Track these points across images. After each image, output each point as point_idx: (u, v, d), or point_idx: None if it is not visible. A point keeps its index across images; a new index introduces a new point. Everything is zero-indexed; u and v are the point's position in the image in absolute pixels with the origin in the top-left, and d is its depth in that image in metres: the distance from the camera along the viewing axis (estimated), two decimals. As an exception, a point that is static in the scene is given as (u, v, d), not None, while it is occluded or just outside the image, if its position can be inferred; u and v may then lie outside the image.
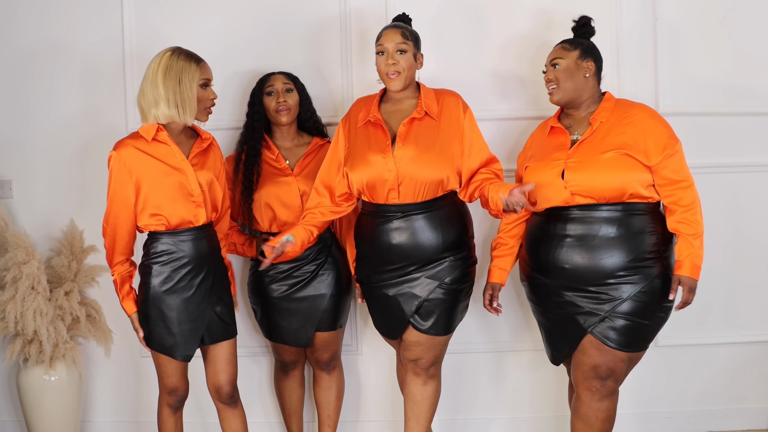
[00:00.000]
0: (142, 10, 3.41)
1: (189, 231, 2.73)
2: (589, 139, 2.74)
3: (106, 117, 3.43)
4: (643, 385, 3.43)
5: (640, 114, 2.74)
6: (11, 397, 3.54)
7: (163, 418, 2.86)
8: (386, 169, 2.78)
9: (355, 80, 3.38)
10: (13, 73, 3.47)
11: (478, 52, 3.37)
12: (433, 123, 2.82)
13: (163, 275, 2.71)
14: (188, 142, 2.77)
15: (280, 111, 3.08)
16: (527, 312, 3.45)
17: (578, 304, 2.71)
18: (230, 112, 3.38)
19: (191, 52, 2.73)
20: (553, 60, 2.82)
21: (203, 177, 2.73)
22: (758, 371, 3.47)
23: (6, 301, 3.21)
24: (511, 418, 3.49)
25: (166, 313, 2.71)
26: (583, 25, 2.90)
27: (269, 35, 3.40)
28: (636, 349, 2.71)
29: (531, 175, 2.80)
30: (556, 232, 2.75)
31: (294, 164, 3.12)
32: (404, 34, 2.82)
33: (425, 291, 2.82)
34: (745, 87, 3.36)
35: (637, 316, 2.67)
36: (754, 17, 3.35)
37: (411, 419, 2.93)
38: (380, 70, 2.84)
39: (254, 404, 3.53)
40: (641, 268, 2.67)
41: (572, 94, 2.79)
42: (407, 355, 2.90)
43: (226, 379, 2.82)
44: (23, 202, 3.49)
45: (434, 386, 2.91)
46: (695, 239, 2.69)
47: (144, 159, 2.67)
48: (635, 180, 2.67)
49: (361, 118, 2.89)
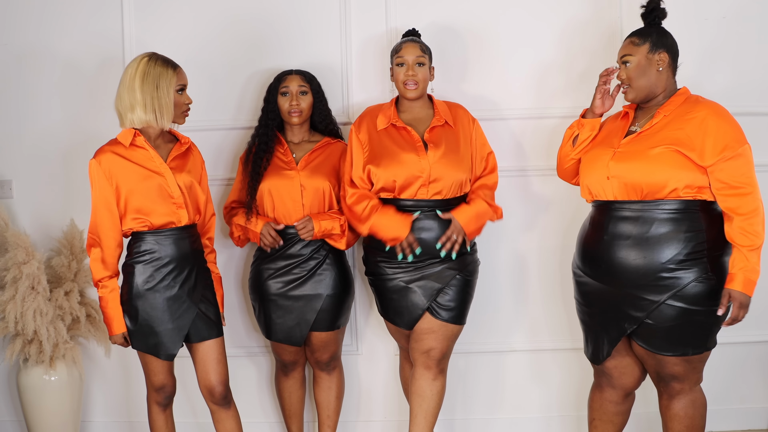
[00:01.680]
0: (141, 12, 3.41)
1: (172, 231, 2.76)
2: (647, 131, 2.64)
3: (107, 117, 3.42)
4: (644, 385, 3.38)
5: (704, 111, 2.59)
6: (11, 397, 3.55)
7: (153, 416, 2.89)
8: (419, 168, 2.95)
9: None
10: (14, 73, 3.47)
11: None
12: (451, 130, 3.03)
13: (146, 274, 2.74)
14: (166, 146, 2.81)
15: (292, 113, 3.12)
16: (527, 312, 3.46)
17: (618, 305, 2.65)
18: (223, 111, 3.42)
19: (167, 58, 2.77)
20: (623, 57, 2.69)
21: (182, 180, 2.77)
22: (758, 371, 3.47)
23: (6, 301, 3.21)
24: (511, 418, 3.50)
25: (150, 312, 2.74)
26: (652, 11, 2.72)
27: (269, 33, 3.41)
28: (680, 353, 2.60)
29: (585, 159, 2.76)
30: (596, 226, 2.70)
31: (300, 158, 3.14)
32: (422, 48, 3.02)
33: (444, 281, 2.95)
34: (745, 87, 3.36)
35: (676, 320, 2.57)
36: (754, 17, 3.35)
37: (418, 415, 2.96)
38: (398, 80, 3.02)
39: (254, 404, 3.53)
40: (686, 267, 2.56)
41: (646, 91, 2.67)
42: (419, 346, 2.97)
43: (217, 379, 2.82)
44: (23, 202, 3.50)
45: (442, 382, 2.99)
46: (751, 251, 2.53)
47: (123, 164, 2.71)
48: (680, 178, 2.54)
49: (381, 122, 3.03)
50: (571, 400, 3.47)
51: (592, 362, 2.82)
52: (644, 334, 2.64)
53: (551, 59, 3.37)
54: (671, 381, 2.66)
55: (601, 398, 2.85)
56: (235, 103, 3.43)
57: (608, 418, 2.86)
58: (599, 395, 2.86)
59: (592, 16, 3.35)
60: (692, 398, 2.69)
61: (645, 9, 2.74)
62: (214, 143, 3.41)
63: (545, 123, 3.38)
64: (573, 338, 3.40)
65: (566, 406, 3.48)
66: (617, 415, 2.86)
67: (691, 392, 2.69)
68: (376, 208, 2.97)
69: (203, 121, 3.35)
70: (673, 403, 2.69)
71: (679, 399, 2.68)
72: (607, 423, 2.87)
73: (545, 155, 3.35)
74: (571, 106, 3.29)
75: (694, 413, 2.69)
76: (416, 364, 2.98)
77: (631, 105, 2.79)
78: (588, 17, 3.35)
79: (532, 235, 3.42)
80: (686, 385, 2.67)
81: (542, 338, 3.47)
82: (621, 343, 2.73)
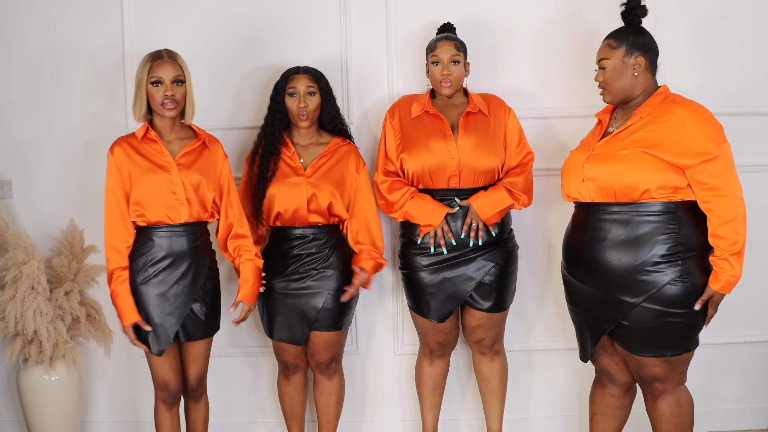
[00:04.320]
0: (141, 12, 3.41)
1: (169, 227, 2.79)
2: (622, 133, 2.62)
3: (107, 117, 3.43)
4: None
5: (681, 112, 2.54)
6: (11, 397, 3.55)
7: (158, 414, 2.93)
8: (449, 156, 2.99)
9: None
10: (14, 74, 3.47)
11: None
12: (485, 118, 3.07)
13: (140, 269, 2.79)
14: (181, 141, 2.85)
15: (301, 116, 3.06)
16: (527, 312, 3.46)
17: (596, 305, 2.66)
18: (226, 111, 3.41)
19: (157, 51, 2.82)
20: (600, 60, 2.69)
21: (188, 177, 2.79)
22: (758, 371, 3.48)
23: (6, 301, 3.21)
24: (514, 418, 3.49)
25: (142, 306, 2.79)
26: (631, 9, 2.67)
27: (271, 31, 3.41)
28: (658, 354, 2.59)
29: (565, 161, 2.79)
30: (577, 226, 2.72)
31: (308, 164, 3.09)
32: (457, 47, 3.04)
33: (481, 272, 3.01)
34: (745, 87, 3.36)
35: (652, 322, 2.57)
36: (754, 17, 3.35)
37: (486, 395, 3.21)
38: (434, 78, 3.06)
39: (253, 404, 3.53)
40: (660, 270, 2.54)
41: (623, 94, 2.67)
42: (471, 338, 3.16)
43: (192, 374, 2.94)
44: (23, 202, 3.49)
45: (501, 361, 3.19)
46: (733, 256, 2.53)
47: (132, 156, 2.80)
48: (650, 179, 2.52)
49: (414, 110, 3.08)
50: (573, 399, 3.47)
51: (582, 360, 2.84)
52: (623, 336, 2.65)
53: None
54: (653, 382, 2.66)
55: (603, 393, 2.86)
56: (235, 101, 3.43)
57: (610, 412, 2.86)
58: (601, 390, 2.87)
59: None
60: (676, 397, 2.67)
61: (625, 8, 2.70)
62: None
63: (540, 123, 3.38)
64: (574, 338, 3.40)
65: (569, 406, 3.48)
66: (619, 409, 2.86)
67: (674, 392, 2.67)
68: (412, 195, 3.02)
69: (203, 121, 3.35)
70: (657, 404, 2.68)
71: (663, 399, 2.67)
72: (608, 417, 2.87)
73: (545, 156, 3.35)
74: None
75: (680, 411, 2.67)
76: (473, 351, 3.21)
77: (605, 109, 2.80)
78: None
79: (534, 234, 3.42)
80: (668, 386, 2.66)
81: (544, 338, 3.48)
82: (609, 342, 2.74)
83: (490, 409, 3.22)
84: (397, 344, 3.49)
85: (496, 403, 3.21)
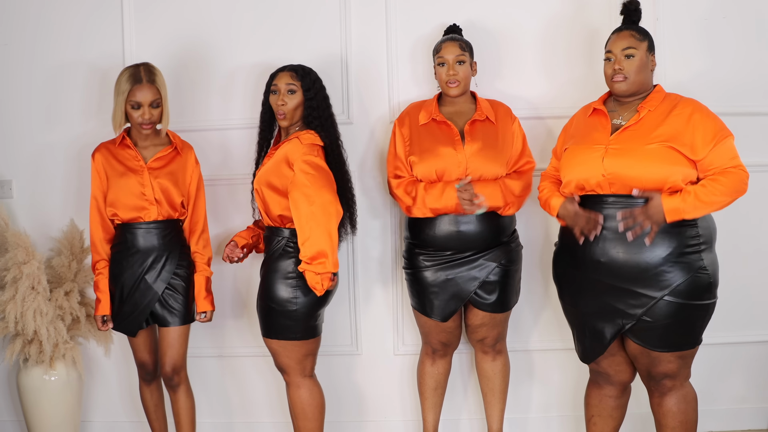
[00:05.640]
0: (141, 14, 3.41)
1: (140, 224, 3.03)
2: (635, 126, 2.66)
3: (106, 119, 3.42)
4: (639, 385, 3.41)
5: (689, 108, 2.65)
6: (11, 397, 3.55)
7: (141, 389, 3.24)
8: (456, 161, 3.00)
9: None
10: (14, 74, 3.47)
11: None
12: (491, 125, 3.08)
13: (115, 259, 3.06)
14: (155, 147, 3.06)
15: (278, 114, 2.96)
16: (526, 312, 3.46)
17: (612, 302, 2.65)
18: (227, 111, 3.41)
19: (139, 72, 2.95)
20: (627, 49, 2.69)
21: (158, 181, 3.01)
22: (758, 371, 3.48)
23: (6, 301, 3.21)
24: (511, 418, 3.49)
25: (115, 294, 3.07)
26: (635, 10, 2.78)
27: (271, 30, 3.41)
28: (675, 349, 2.62)
29: (571, 156, 2.76)
30: None
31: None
32: (461, 47, 3.06)
33: (484, 272, 3.03)
34: (745, 87, 3.36)
35: (674, 316, 2.59)
36: (754, 17, 3.35)
37: (488, 394, 3.23)
38: (441, 79, 3.08)
39: (254, 404, 3.53)
40: (682, 262, 2.57)
41: (639, 86, 2.71)
42: (474, 337, 3.17)
43: (167, 362, 3.09)
44: (23, 202, 3.50)
45: (503, 360, 3.21)
46: (699, 202, 2.55)
47: (110, 160, 3.06)
48: (676, 173, 2.57)
49: (422, 117, 3.10)
50: (569, 400, 3.47)
51: (584, 362, 2.83)
52: (640, 332, 2.64)
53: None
54: (662, 379, 2.67)
55: (600, 394, 2.86)
56: (236, 101, 3.43)
57: (608, 413, 2.87)
58: (597, 391, 2.87)
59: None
60: (683, 393, 2.70)
61: (627, 9, 2.79)
62: (214, 143, 3.41)
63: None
64: (571, 338, 3.40)
65: (565, 406, 3.48)
66: (616, 409, 2.87)
67: (682, 388, 2.70)
68: (421, 189, 3.02)
69: (203, 120, 3.35)
70: (665, 400, 2.70)
71: (671, 395, 2.69)
72: (606, 418, 2.87)
73: (545, 156, 3.35)
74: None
75: (686, 407, 2.70)
76: (475, 350, 3.23)
77: (600, 102, 2.81)
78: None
79: (532, 234, 3.42)
80: (677, 382, 2.68)
81: (541, 338, 3.48)
82: (614, 343, 2.74)
83: (492, 408, 3.24)
84: (398, 344, 3.50)
85: (498, 403, 3.22)
